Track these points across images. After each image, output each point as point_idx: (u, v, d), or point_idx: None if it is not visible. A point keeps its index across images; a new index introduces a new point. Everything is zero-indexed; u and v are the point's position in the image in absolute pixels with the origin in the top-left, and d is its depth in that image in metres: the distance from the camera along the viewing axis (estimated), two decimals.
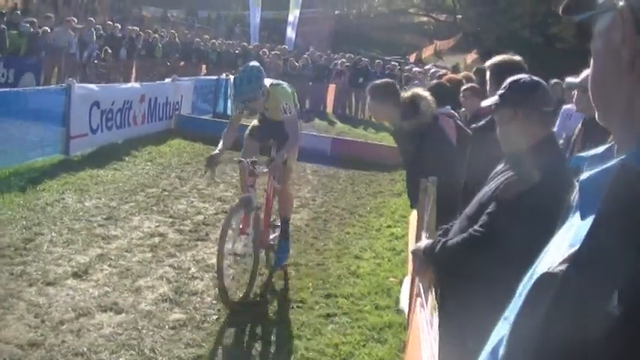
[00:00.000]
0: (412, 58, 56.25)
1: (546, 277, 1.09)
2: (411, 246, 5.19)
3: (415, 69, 30.05)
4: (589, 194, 1.07)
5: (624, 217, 0.95)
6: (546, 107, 3.76)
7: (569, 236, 1.12)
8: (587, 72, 1.26)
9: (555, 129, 5.77)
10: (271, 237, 7.83)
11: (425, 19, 74.03)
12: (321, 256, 8.65)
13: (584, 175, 1.11)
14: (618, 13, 1.07)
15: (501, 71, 5.09)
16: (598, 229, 0.99)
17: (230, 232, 6.76)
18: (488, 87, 5.61)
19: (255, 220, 7.13)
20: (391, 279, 7.93)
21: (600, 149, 1.21)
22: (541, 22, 46.16)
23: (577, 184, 1.13)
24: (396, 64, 31.86)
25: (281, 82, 7.85)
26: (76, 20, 24.22)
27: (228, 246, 6.79)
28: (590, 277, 0.96)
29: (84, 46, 22.45)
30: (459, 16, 64.70)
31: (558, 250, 1.13)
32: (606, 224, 0.98)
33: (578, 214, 1.12)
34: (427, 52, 62.77)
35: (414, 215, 7.13)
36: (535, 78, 3.89)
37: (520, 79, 3.82)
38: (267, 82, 7.53)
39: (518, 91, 3.71)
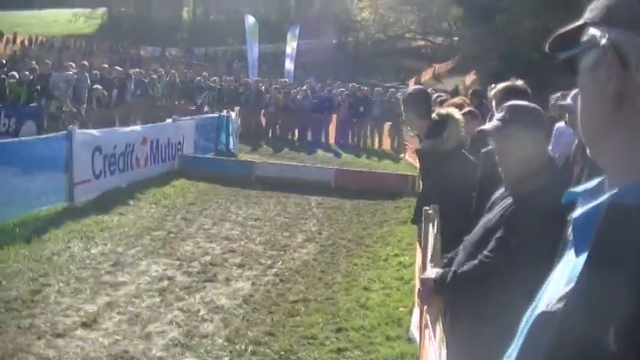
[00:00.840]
0: (411, 82, 56.42)
1: (544, 316, 1.11)
2: (418, 275, 5.18)
3: None
4: (582, 231, 1.07)
5: (616, 254, 0.96)
6: (544, 131, 3.79)
7: (566, 273, 1.13)
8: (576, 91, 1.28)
9: (550, 147, 5.76)
10: None
11: (422, 42, 74.36)
12: (330, 290, 8.62)
13: (576, 212, 1.12)
14: (602, 51, 1.08)
15: (507, 97, 5.11)
16: (591, 267, 1.00)
17: None
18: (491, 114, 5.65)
19: None
20: (401, 309, 7.91)
21: (592, 183, 1.21)
22: (539, 40, 46.20)
23: (570, 221, 1.13)
24: (396, 90, 31.88)
25: None
26: (73, 65, 24.41)
27: None
28: (586, 316, 0.97)
29: (80, 91, 22.57)
30: (456, 38, 64.98)
31: (556, 287, 1.15)
32: (598, 262, 0.99)
33: (573, 251, 1.12)
34: (426, 75, 62.95)
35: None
36: (531, 104, 3.93)
37: (518, 103, 3.87)
38: None
39: (518, 115, 3.71)
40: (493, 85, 12.15)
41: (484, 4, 51.62)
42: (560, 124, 7.78)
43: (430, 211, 5.49)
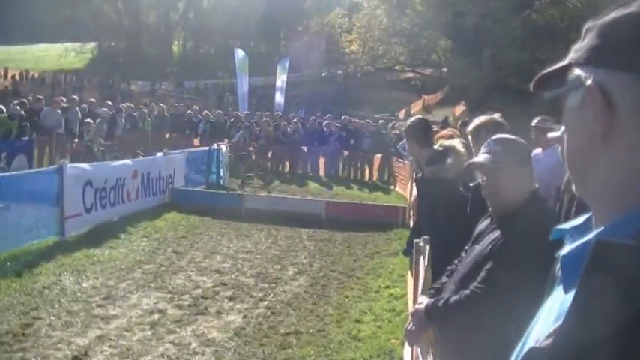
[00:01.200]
0: (401, 114, 56.62)
1: (533, 352, 1.11)
2: (410, 307, 5.18)
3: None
4: (570, 269, 1.08)
5: (602, 292, 0.96)
6: (530, 164, 3.82)
7: (555, 309, 1.13)
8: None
9: None
10: None
11: (411, 74, 74.57)
12: (322, 322, 8.61)
13: (564, 250, 1.12)
14: (587, 90, 1.10)
15: (485, 132, 5.18)
16: (578, 304, 1.00)
17: None
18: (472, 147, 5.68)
19: None
20: (392, 340, 7.90)
21: (580, 220, 1.22)
22: (527, 70, 46.54)
23: (559, 259, 1.13)
24: (386, 122, 32.00)
25: None
26: (65, 100, 24.48)
27: None
28: (574, 353, 0.97)
29: (71, 125, 22.66)
30: (445, 70, 65.28)
31: (545, 323, 1.15)
32: (586, 300, 0.99)
33: (561, 287, 1.13)
34: (416, 107, 63.20)
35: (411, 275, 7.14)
36: (519, 138, 3.97)
37: (507, 137, 3.91)
38: None
39: (507, 148, 3.76)
40: (467, 120, 12.27)
41: (471, 36, 52.05)
42: (537, 150, 7.86)
43: (421, 243, 5.52)
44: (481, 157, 3.88)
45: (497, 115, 5.88)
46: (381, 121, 31.72)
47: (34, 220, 11.41)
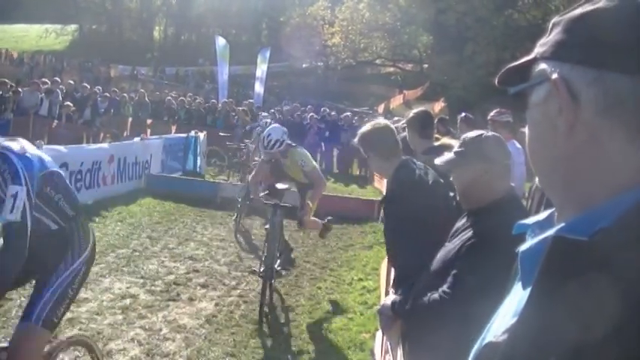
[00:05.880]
0: (380, 108, 56.65)
1: (490, 346, 1.13)
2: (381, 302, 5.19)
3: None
4: (528, 264, 1.08)
5: (557, 289, 0.97)
6: (506, 161, 3.80)
7: (514, 305, 1.15)
8: None
9: None
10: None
11: (392, 69, 74.42)
12: (293, 313, 8.64)
13: (524, 246, 1.12)
14: (553, 84, 1.10)
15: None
16: (533, 300, 1.01)
17: None
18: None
19: None
20: (364, 334, 7.93)
21: (543, 215, 1.23)
22: None
23: (518, 254, 1.13)
24: (365, 115, 31.97)
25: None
26: (48, 82, 24.34)
27: None
28: (528, 348, 0.98)
29: (51, 106, 22.55)
30: (426, 66, 65.31)
31: (503, 318, 1.16)
32: (541, 296, 1.00)
33: (520, 283, 1.14)
34: (395, 102, 63.21)
35: (384, 268, 7.18)
36: (495, 133, 3.96)
37: (480, 134, 3.85)
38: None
39: (475, 146, 3.73)
40: (445, 117, 12.32)
41: (453, 33, 52.09)
42: None
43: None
44: (451, 154, 3.86)
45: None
46: (360, 115, 31.67)
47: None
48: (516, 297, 1.17)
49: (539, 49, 1.18)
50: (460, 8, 51.69)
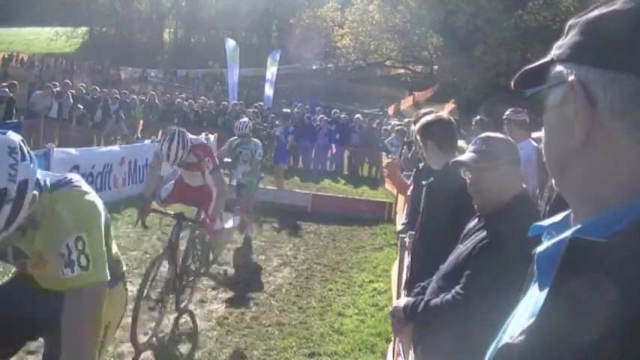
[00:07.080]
0: (391, 110, 56.68)
1: (507, 348, 1.11)
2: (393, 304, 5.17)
3: (394, 122, 30.02)
4: (545, 266, 1.08)
5: (575, 291, 0.96)
6: (517, 164, 3.79)
7: (530, 306, 1.14)
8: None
9: None
10: None
11: (402, 70, 74.34)
12: (304, 314, 8.63)
13: (540, 247, 1.12)
14: (569, 87, 1.09)
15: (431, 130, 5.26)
16: (551, 302, 1.00)
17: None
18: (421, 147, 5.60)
19: None
20: (375, 336, 7.91)
21: (559, 217, 1.22)
22: (516, 70, 46.16)
23: (534, 255, 1.12)
24: (375, 117, 31.95)
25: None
26: (58, 85, 24.41)
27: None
28: (545, 350, 0.97)
29: (62, 109, 22.60)
30: (436, 67, 65.20)
31: (520, 319, 1.15)
32: (558, 298, 0.99)
33: (537, 285, 1.13)
34: (405, 103, 63.27)
35: (395, 269, 7.16)
36: (506, 136, 3.95)
37: (494, 135, 3.87)
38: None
39: (494, 146, 3.74)
40: (457, 118, 12.18)
41: (463, 35, 52.03)
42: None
43: (406, 239, 5.51)
44: (466, 155, 3.84)
45: (444, 113, 5.87)
46: (371, 117, 31.65)
47: None
48: (533, 298, 1.16)
49: (555, 51, 1.17)
50: (470, 10, 51.68)
